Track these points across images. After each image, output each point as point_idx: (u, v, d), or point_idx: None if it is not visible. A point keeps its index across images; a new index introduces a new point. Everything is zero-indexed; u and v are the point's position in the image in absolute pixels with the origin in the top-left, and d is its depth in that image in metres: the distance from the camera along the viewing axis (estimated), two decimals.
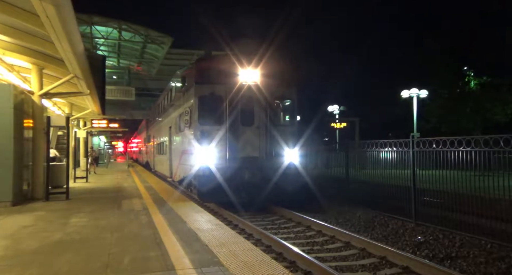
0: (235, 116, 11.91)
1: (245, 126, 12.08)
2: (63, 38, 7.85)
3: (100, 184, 16.14)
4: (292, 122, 13.24)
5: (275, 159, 12.11)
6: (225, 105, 11.86)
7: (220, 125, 11.81)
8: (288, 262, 6.98)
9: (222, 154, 11.69)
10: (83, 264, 4.90)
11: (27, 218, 8.19)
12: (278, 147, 12.18)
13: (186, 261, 4.94)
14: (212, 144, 11.61)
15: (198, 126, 11.82)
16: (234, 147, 11.78)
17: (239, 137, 11.94)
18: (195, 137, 11.78)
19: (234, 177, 11.44)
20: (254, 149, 12.08)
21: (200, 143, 11.61)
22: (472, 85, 29.13)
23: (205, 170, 11.40)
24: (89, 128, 26.83)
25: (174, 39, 37.36)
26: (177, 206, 9.49)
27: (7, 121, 9.62)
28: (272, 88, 12.33)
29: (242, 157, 11.88)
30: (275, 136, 12.13)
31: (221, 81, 11.99)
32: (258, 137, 12.15)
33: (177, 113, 14.99)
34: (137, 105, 48.24)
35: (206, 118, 11.93)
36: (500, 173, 8.31)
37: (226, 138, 11.74)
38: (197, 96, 11.99)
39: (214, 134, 11.67)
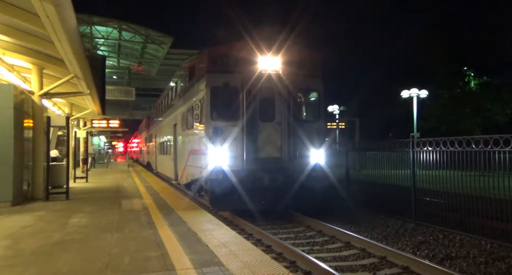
0: (253, 110, 10.34)
1: (264, 122, 10.52)
2: (63, 38, 7.85)
3: (100, 184, 16.14)
4: (318, 117, 11.48)
5: (299, 161, 10.54)
6: (241, 98, 10.28)
7: (235, 120, 10.26)
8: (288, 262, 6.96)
9: (238, 155, 10.15)
10: (83, 264, 4.90)
11: (27, 218, 8.20)
12: (303, 147, 10.62)
13: (187, 261, 4.94)
14: (227, 142, 10.09)
15: (210, 122, 10.24)
16: (252, 147, 10.23)
17: (258, 134, 10.38)
18: (206, 135, 10.19)
19: (252, 181, 9.97)
20: (275, 149, 10.52)
21: (212, 142, 10.05)
22: (472, 85, 29.15)
23: (219, 173, 9.87)
24: (89, 128, 26.84)
25: (174, 39, 37.39)
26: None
27: (7, 121, 9.63)
28: (295, 78, 10.69)
29: (261, 158, 10.34)
30: (299, 134, 10.56)
31: (237, 69, 10.39)
32: (280, 134, 10.56)
33: (184, 108, 13.55)
34: (137, 105, 48.30)
35: (219, 113, 10.36)
36: None
37: (243, 135, 10.19)
38: (209, 87, 10.36)
39: (228, 131, 10.16)
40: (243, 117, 10.24)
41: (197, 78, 11.66)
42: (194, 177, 11.79)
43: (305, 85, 11.10)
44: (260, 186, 10.00)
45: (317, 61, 11.50)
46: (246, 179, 9.92)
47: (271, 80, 10.49)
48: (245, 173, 10.02)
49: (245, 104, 10.27)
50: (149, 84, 49.93)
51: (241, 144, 10.20)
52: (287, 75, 10.58)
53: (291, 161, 10.47)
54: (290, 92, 10.65)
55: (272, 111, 10.67)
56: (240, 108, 10.29)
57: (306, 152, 10.66)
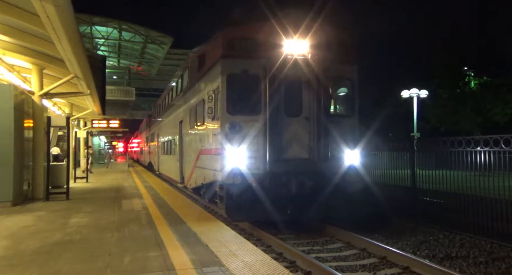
0: (277, 102, 8.85)
1: (290, 117, 9.08)
2: (63, 38, 7.85)
3: (101, 184, 16.14)
4: (352, 112, 9.88)
5: (332, 163, 9.06)
6: (263, 88, 8.85)
7: (256, 115, 8.83)
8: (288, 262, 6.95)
9: (260, 155, 8.73)
10: (83, 264, 4.90)
11: (28, 218, 8.20)
12: (335, 146, 9.16)
13: (187, 261, 4.94)
14: (246, 141, 8.72)
15: (226, 117, 8.78)
16: (276, 146, 8.77)
17: (283, 131, 8.93)
18: (222, 132, 8.75)
19: (276, 186, 8.62)
20: (302, 149, 9.08)
21: (229, 140, 8.64)
22: (472, 85, 29.16)
23: (236, 176, 8.47)
24: (89, 128, 26.85)
25: (174, 39, 37.42)
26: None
27: (8, 121, 9.63)
28: (326, 64, 9.12)
29: (287, 159, 8.89)
30: (331, 131, 9.09)
31: (258, 54, 8.90)
32: (308, 131, 9.13)
33: (193, 103, 12.03)
34: (137, 105, 48.34)
35: (237, 106, 8.94)
36: None
37: (265, 132, 8.75)
38: (225, 74, 8.88)
39: (248, 127, 8.75)
40: (265, 110, 8.79)
41: (209, 65, 10.12)
42: (206, 181, 10.46)
43: (337, 73, 9.43)
44: (286, 193, 8.64)
45: (352, 45, 9.88)
46: (269, 184, 8.56)
47: (298, 67, 8.98)
48: (268, 177, 8.63)
49: (268, 95, 8.80)
50: (149, 84, 49.98)
51: (262, 142, 8.78)
52: (317, 61, 9.04)
53: (322, 163, 8.97)
54: (320, 81, 9.08)
55: (299, 103, 9.21)
56: (262, 100, 8.85)
57: (339, 153, 9.21)
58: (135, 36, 37.92)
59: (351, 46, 9.84)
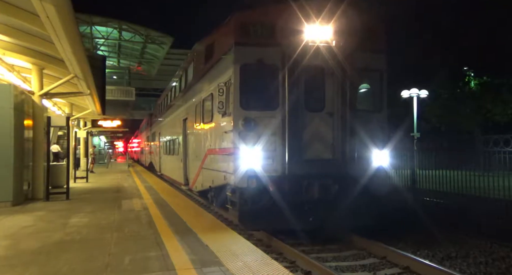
0: (297, 96, 7.98)
1: (311, 112, 8.17)
2: (63, 38, 7.85)
3: (101, 184, 16.13)
4: (380, 107, 8.88)
5: (359, 164, 8.19)
6: (281, 79, 7.93)
7: (273, 110, 7.95)
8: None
9: (277, 156, 7.84)
10: (83, 264, 4.89)
11: (28, 218, 8.20)
12: (362, 145, 8.25)
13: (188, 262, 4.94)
14: (262, 139, 7.80)
15: (239, 112, 7.87)
16: (296, 145, 7.87)
17: (303, 128, 8.03)
18: (234, 129, 7.85)
19: (297, 191, 7.75)
20: (325, 148, 8.17)
21: (243, 138, 7.76)
22: (472, 85, 29.17)
23: (251, 180, 7.61)
24: (90, 128, 26.85)
25: (174, 39, 37.45)
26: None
27: (7, 121, 9.62)
28: (352, 52, 8.19)
29: (308, 160, 8.00)
30: (357, 128, 8.18)
31: (275, 41, 7.95)
32: (332, 128, 8.21)
33: (199, 98, 11.10)
34: (137, 105, 48.39)
35: (252, 99, 8.06)
36: None
37: (284, 130, 7.84)
38: (239, 64, 7.95)
39: (264, 123, 7.85)
40: (283, 105, 7.89)
41: (219, 55, 9.15)
42: (214, 184, 9.63)
43: (364, 62, 8.47)
44: (308, 198, 7.77)
45: (381, 31, 8.89)
46: (288, 189, 7.67)
47: (320, 56, 8.04)
48: (287, 181, 7.74)
49: (286, 87, 7.88)
50: (149, 84, 50.02)
51: (280, 141, 7.86)
52: (342, 49, 8.10)
53: (347, 165, 8.10)
54: (346, 72, 8.17)
55: (321, 97, 8.31)
56: (280, 92, 7.95)
57: (366, 153, 8.30)
58: (135, 36, 37.97)
59: (380, 32, 8.85)
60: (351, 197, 7.67)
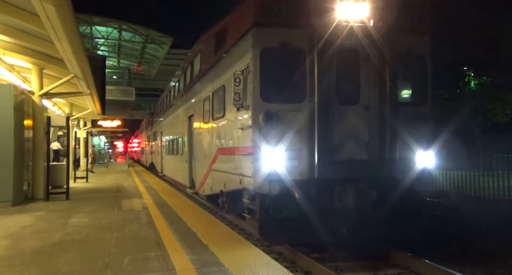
0: (327, 86, 6.75)
1: (344, 105, 7.00)
2: (63, 38, 7.86)
3: (100, 184, 16.14)
4: (425, 99, 7.60)
5: (400, 166, 6.94)
6: (308, 66, 6.74)
7: (299, 102, 6.79)
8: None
9: (304, 156, 6.70)
10: (83, 264, 4.90)
11: (28, 218, 8.20)
12: (403, 144, 7.02)
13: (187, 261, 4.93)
14: (286, 136, 6.66)
15: (260, 104, 6.72)
16: (327, 143, 6.71)
17: (335, 124, 6.85)
18: (254, 125, 6.73)
19: (328, 198, 6.67)
20: (360, 147, 7.03)
21: (264, 135, 6.65)
22: (472, 85, 29.16)
23: (274, 185, 6.52)
24: (90, 128, 26.87)
25: (174, 39, 37.48)
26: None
27: (7, 121, 9.63)
28: (393, 34, 6.92)
29: (341, 161, 6.85)
30: (398, 124, 6.94)
31: (302, 21, 6.75)
32: (368, 124, 7.04)
33: (207, 92, 10.03)
34: (137, 105, 48.43)
35: (274, 90, 6.83)
36: None
37: (313, 125, 6.66)
38: (259, 48, 6.79)
39: (289, 118, 6.71)
40: (311, 96, 6.71)
41: (234, 40, 7.97)
42: (227, 188, 8.57)
43: (406, 46, 7.18)
44: (340, 207, 6.65)
45: (426, 8, 7.55)
46: (317, 195, 6.60)
47: (355, 38, 6.81)
48: (316, 186, 6.64)
49: (316, 76, 6.68)
50: (149, 84, 50.08)
51: (308, 139, 6.70)
52: (380, 30, 6.84)
53: (387, 167, 6.90)
54: (385, 57, 6.91)
55: (356, 87, 7.15)
56: (307, 82, 6.77)
57: (408, 153, 7.08)
58: (135, 36, 38.01)
59: (425, 10, 7.50)
60: (392, 205, 6.54)
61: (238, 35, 7.63)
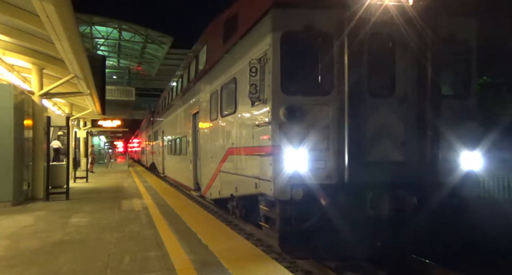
0: (358, 76, 5.95)
1: (377, 98, 6.15)
2: (63, 38, 7.86)
3: (100, 184, 16.14)
4: (468, 91, 6.72)
5: (442, 169, 6.13)
6: (336, 53, 5.96)
7: (325, 94, 6.02)
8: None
9: (332, 157, 5.91)
10: (83, 264, 4.89)
11: (28, 218, 8.20)
12: (445, 143, 6.19)
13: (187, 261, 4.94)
14: (311, 134, 5.91)
15: (280, 97, 5.96)
16: (358, 142, 5.90)
17: (366, 120, 6.03)
18: (273, 121, 5.96)
19: (359, 205, 5.86)
20: (395, 146, 6.14)
21: (285, 133, 5.90)
22: None
23: (297, 190, 5.75)
24: (90, 128, 26.88)
25: (174, 39, 37.50)
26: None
27: (7, 121, 9.64)
28: (435, 16, 6.08)
29: (373, 162, 6.00)
30: (439, 120, 6.13)
31: (328, 0, 6.02)
32: (404, 120, 6.18)
33: (215, 86, 9.28)
34: (137, 105, 48.46)
35: (297, 81, 6.12)
36: None
37: (341, 122, 5.88)
38: (279, 32, 5.99)
39: (313, 113, 5.95)
40: (339, 88, 5.92)
41: (248, 25, 7.08)
42: (239, 192, 7.77)
43: (450, 30, 6.29)
44: (374, 216, 5.87)
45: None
46: (347, 202, 5.79)
47: (390, 20, 5.97)
48: (346, 191, 5.84)
49: (345, 64, 5.87)
50: (149, 84, 50.12)
51: (336, 136, 5.91)
52: (421, 11, 5.97)
53: (427, 169, 6.06)
54: (425, 43, 6.06)
55: (390, 77, 6.29)
56: (334, 71, 5.99)
57: (451, 153, 6.24)
58: (135, 36, 38.02)
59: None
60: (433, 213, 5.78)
61: (254, 19, 6.71)
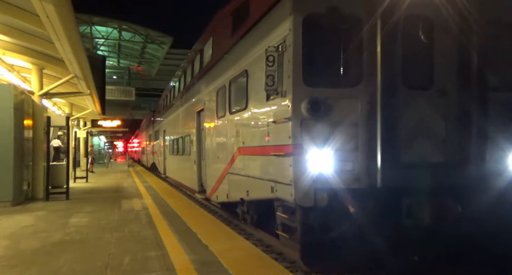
0: (391, 65, 5.22)
1: (413, 90, 5.40)
2: (63, 38, 7.86)
3: (100, 184, 16.14)
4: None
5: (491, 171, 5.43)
6: (366, 38, 5.26)
7: (354, 86, 5.31)
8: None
9: (361, 158, 5.21)
10: (83, 264, 4.89)
11: (27, 218, 8.20)
12: (493, 142, 5.47)
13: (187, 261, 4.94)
14: (337, 132, 5.20)
15: (302, 89, 5.22)
16: (391, 141, 5.19)
17: (401, 115, 5.29)
18: (294, 116, 5.22)
19: (394, 214, 5.15)
20: (435, 146, 5.41)
21: (308, 130, 5.18)
22: None
23: (321, 195, 5.07)
24: (90, 128, 26.89)
25: (174, 39, 37.52)
26: None
27: (7, 121, 9.64)
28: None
29: (410, 164, 5.25)
30: (486, 116, 5.46)
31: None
32: (445, 115, 5.43)
33: (223, 80, 8.63)
34: (137, 105, 48.49)
35: (320, 71, 5.38)
36: None
37: (373, 117, 5.20)
38: (301, 13, 5.25)
39: (340, 108, 5.24)
40: (370, 78, 5.22)
41: (262, 10, 6.44)
42: (251, 196, 7.09)
43: (497, 11, 5.57)
44: (412, 226, 5.15)
45: None
46: (380, 210, 5.06)
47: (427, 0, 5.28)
48: (378, 197, 5.13)
49: (378, 51, 5.18)
50: (149, 84, 50.15)
51: (366, 134, 5.21)
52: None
53: (472, 172, 5.35)
54: (470, 26, 5.35)
55: (429, 66, 5.50)
56: (365, 60, 5.28)
57: (500, 154, 5.48)
58: (135, 36, 38.05)
59: None
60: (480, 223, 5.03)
61: (270, 2, 6.07)
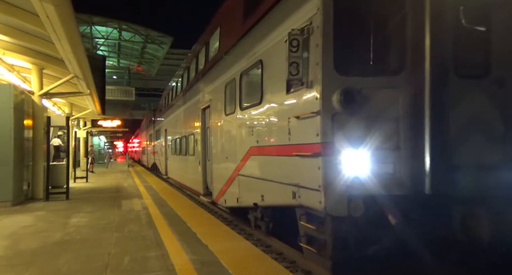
0: (439, 50, 4.39)
1: (465, 79, 4.60)
2: (63, 38, 7.86)
3: (100, 184, 16.14)
4: None
5: None
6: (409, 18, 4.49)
7: (395, 74, 4.55)
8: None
9: (404, 159, 4.44)
10: (83, 264, 4.89)
11: (27, 218, 8.20)
12: None
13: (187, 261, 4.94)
14: (375, 129, 4.44)
15: (333, 78, 4.45)
16: (442, 139, 4.40)
17: (451, 108, 4.49)
18: (324, 110, 4.46)
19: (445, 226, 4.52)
20: (492, 144, 4.60)
21: (339, 127, 4.44)
22: None
23: (356, 203, 4.36)
24: (90, 128, 26.89)
25: (174, 39, 37.53)
26: None
27: (7, 121, 9.64)
28: None
29: (463, 166, 4.44)
30: None
31: None
32: (504, 109, 4.64)
33: (233, 72, 7.89)
34: (137, 105, 48.52)
35: (354, 57, 4.63)
36: None
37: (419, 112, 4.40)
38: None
39: (378, 100, 4.50)
40: (415, 65, 4.44)
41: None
42: (266, 202, 6.36)
43: None
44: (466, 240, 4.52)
45: None
46: (427, 221, 4.42)
47: None
48: (426, 206, 4.42)
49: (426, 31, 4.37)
50: (149, 84, 50.17)
51: (410, 132, 4.44)
52: None
53: None
54: None
55: (484, 52, 4.75)
56: (408, 43, 4.51)
57: None
58: (135, 36, 38.05)
59: None
60: None
61: None
